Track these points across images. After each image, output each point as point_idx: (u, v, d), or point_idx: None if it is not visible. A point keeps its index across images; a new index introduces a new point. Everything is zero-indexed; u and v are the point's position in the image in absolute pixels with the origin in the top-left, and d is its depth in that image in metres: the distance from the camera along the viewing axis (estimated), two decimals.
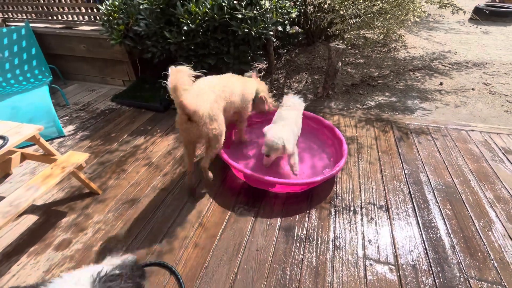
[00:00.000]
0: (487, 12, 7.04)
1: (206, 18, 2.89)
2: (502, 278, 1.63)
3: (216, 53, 3.20)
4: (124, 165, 2.61)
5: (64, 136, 3.07)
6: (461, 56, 5.03)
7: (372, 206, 2.11)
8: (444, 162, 2.53)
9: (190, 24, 2.88)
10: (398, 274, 1.66)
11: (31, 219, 2.08)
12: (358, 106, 3.57)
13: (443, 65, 4.68)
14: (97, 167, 2.60)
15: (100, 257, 1.79)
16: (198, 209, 2.13)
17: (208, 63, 3.22)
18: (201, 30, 2.99)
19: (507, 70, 4.42)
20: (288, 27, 4.02)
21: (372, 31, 4.32)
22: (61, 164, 1.96)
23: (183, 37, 2.98)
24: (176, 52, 3.21)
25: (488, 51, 5.19)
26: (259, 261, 1.75)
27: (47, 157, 2.09)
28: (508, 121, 3.21)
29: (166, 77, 1.59)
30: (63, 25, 4.07)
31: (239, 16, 2.86)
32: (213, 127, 1.86)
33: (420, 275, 1.66)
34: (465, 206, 2.10)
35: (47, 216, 2.11)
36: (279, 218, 2.04)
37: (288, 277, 1.67)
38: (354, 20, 3.86)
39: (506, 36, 6.02)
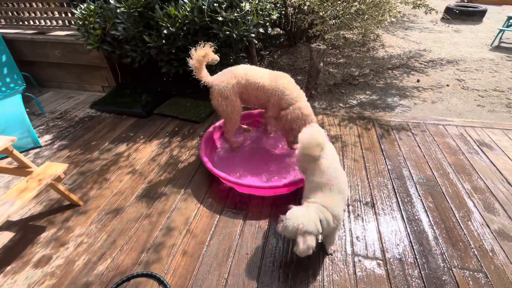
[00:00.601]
0: (457, 11, 7.40)
1: (186, 21, 2.86)
2: (482, 265, 1.70)
3: None
4: (106, 174, 2.52)
5: (41, 146, 2.93)
6: (436, 54, 5.26)
7: (358, 203, 2.16)
8: (424, 156, 2.63)
9: (170, 28, 2.83)
10: (386, 268, 1.70)
11: (6, 236, 1.97)
12: (341, 105, 3.65)
13: (419, 63, 4.87)
14: (78, 178, 2.49)
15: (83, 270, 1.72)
16: (186, 215, 2.09)
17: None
18: (182, 34, 2.96)
19: (477, 66, 4.66)
20: (269, 29, 4.05)
21: (351, 32, 4.43)
22: (37, 177, 1.86)
23: (163, 41, 2.93)
24: (156, 56, 3.15)
25: (460, 49, 5.46)
26: (250, 264, 1.74)
27: (22, 170, 1.98)
28: (481, 114, 3.38)
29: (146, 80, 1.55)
30: (36, 31, 3.90)
31: (220, 18, 2.85)
32: None
33: (406, 267, 1.70)
34: (445, 198, 2.18)
35: (24, 232, 2.00)
36: (268, 220, 2.04)
37: (279, 278, 1.66)
38: (333, 21, 3.94)
39: (475, 34, 6.36)
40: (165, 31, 2.84)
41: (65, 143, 2.98)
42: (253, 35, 3.07)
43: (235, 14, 2.88)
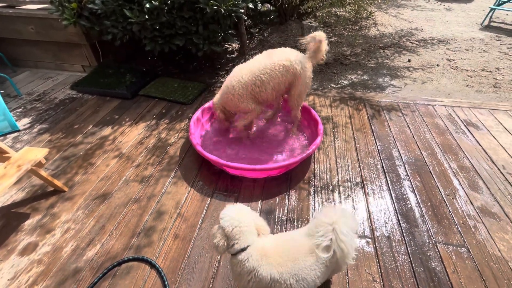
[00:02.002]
0: None
1: None
2: (465, 240, 1.78)
3: (184, 33, 3.00)
4: (92, 159, 2.43)
5: (19, 130, 2.77)
6: (427, 33, 5.20)
7: (349, 183, 2.18)
8: (413, 136, 2.65)
9: (152, 1, 2.64)
10: (374, 246, 1.75)
11: None
12: (332, 85, 3.59)
13: (410, 42, 4.82)
14: (61, 163, 2.39)
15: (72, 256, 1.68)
16: (176, 199, 2.06)
17: (176, 44, 3.02)
18: (166, 8, 2.77)
19: (467, 46, 4.65)
20: (259, 5, 3.85)
21: (344, 9, 4.28)
22: (16, 162, 1.76)
23: (146, 16, 2.74)
24: (139, 33, 2.96)
25: (451, 28, 5.41)
26: None
27: None
28: (469, 95, 3.42)
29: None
30: (4, 4, 3.56)
31: None
32: None
33: (394, 244, 1.76)
34: (433, 177, 2.23)
35: (7, 220, 1.92)
36: (259, 202, 2.04)
37: None
38: None
39: (466, 13, 6.30)
40: (147, 5, 2.65)
41: (46, 126, 2.83)
42: (242, 10, 2.91)
43: None
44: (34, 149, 1.90)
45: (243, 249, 1.19)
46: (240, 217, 1.22)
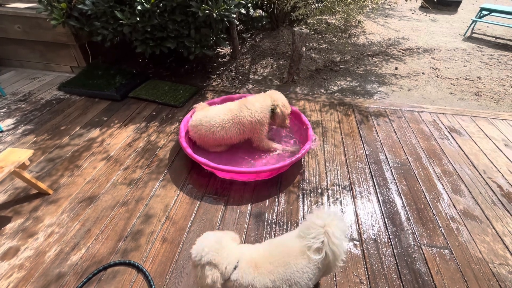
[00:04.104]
0: (435, 0, 7.56)
1: None
2: (448, 242, 1.83)
3: (176, 36, 3.00)
4: (78, 161, 2.38)
5: (2, 131, 2.69)
6: (413, 42, 5.38)
7: (337, 187, 2.21)
8: (400, 141, 2.73)
9: (144, 4, 2.64)
10: (362, 248, 1.78)
11: None
12: (322, 91, 3.66)
13: (397, 51, 4.97)
14: (46, 165, 2.33)
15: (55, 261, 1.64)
16: (165, 202, 2.04)
17: (168, 47, 3.01)
18: (158, 11, 2.77)
19: (451, 55, 4.85)
20: (251, 10, 3.91)
21: (334, 16, 4.39)
22: None
23: (138, 18, 2.73)
24: (130, 35, 2.94)
25: (435, 38, 5.63)
26: None
27: None
28: (452, 102, 3.55)
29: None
30: None
31: None
32: None
33: (380, 247, 1.79)
34: (418, 181, 2.30)
35: None
36: (249, 205, 2.04)
37: None
38: (316, 4, 3.87)
39: (450, 24, 6.57)
40: (139, 7, 2.65)
41: (31, 127, 2.75)
42: (234, 15, 2.95)
43: None
44: (18, 150, 1.85)
45: (235, 267, 1.15)
46: (210, 241, 1.15)
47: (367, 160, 2.49)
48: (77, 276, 1.58)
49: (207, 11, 2.71)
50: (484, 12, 5.69)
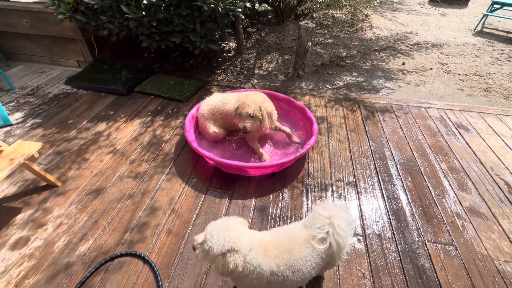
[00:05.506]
0: None
1: None
2: (453, 239, 1.82)
3: (181, 31, 3.00)
4: (85, 154, 2.41)
5: (11, 124, 2.74)
6: (421, 37, 5.28)
7: (342, 183, 2.21)
8: (406, 138, 2.70)
9: None
10: (365, 243, 1.78)
11: None
12: (328, 86, 3.63)
13: (405, 46, 4.89)
14: (54, 157, 2.37)
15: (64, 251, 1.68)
16: (170, 195, 2.06)
17: (173, 42, 3.01)
18: (163, 5, 2.76)
19: (460, 50, 4.75)
20: (257, 5, 3.88)
21: (340, 10, 4.33)
22: (8, 156, 1.75)
23: (143, 12, 2.74)
24: (136, 29, 2.95)
25: (444, 32, 5.51)
26: None
27: None
28: (460, 98, 3.49)
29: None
30: None
31: None
32: None
33: (384, 242, 1.79)
34: (423, 177, 2.28)
35: None
36: (253, 199, 2.05)
37: None
38: None
39: (460, 19, 6.42)
40: (144, 2, 2.65)
41: (39, 121, 2.80)
42: (239, 9, 2.93)
43: None
44: (27, 142, 1.88)
45: (250, 249, 1.17)
46: (227, 230, 1.15)
47: (372, 156, 2.47)
48: (85, 265, 1.62)
49: (213, 5, 2.70)
50: (496, 6, 5.55)
